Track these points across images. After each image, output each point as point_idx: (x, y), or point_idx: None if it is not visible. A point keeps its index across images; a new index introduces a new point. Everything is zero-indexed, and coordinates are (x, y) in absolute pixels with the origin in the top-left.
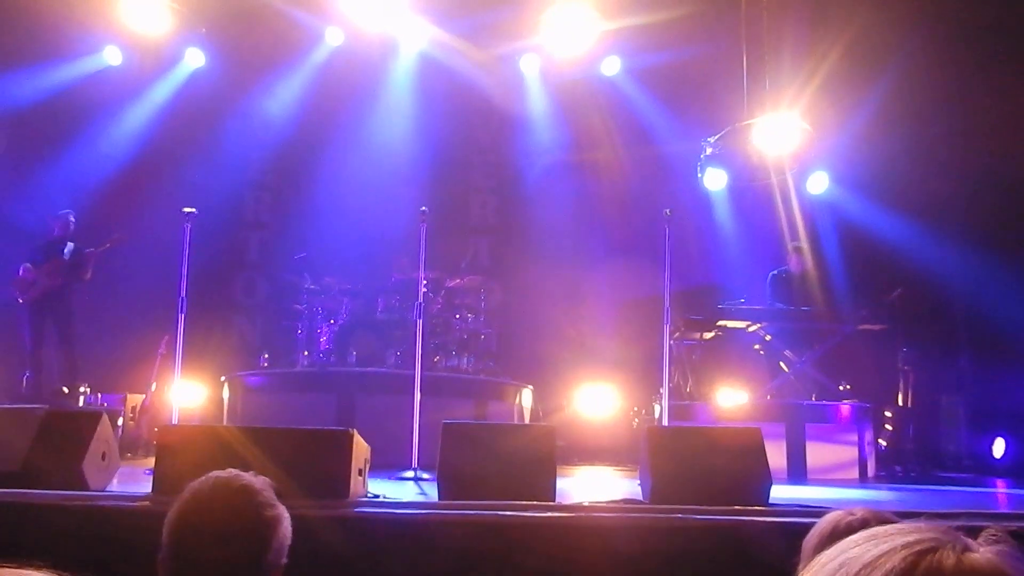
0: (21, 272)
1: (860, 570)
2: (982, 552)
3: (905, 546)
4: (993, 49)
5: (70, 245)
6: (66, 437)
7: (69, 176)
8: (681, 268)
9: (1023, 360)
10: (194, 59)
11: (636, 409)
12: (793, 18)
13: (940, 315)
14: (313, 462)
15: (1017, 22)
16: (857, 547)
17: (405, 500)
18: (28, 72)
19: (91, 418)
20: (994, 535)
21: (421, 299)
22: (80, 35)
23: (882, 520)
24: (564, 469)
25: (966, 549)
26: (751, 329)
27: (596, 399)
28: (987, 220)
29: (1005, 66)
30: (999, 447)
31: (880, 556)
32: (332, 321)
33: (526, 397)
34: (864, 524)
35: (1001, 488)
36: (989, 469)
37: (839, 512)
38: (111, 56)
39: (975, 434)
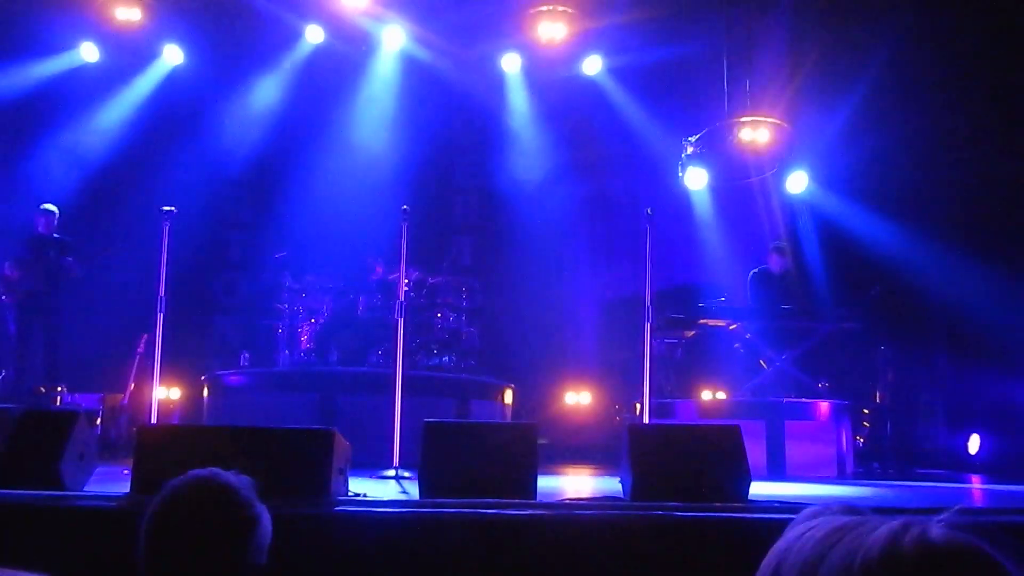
0: (6, 270)
1: (882, 556)
2: (948, 531)
3: (904, 527)
4: (972, 48)
5: (56, 241)
6: (43, 437)
7: (47, 173)
8: (662, 267)
9: (999, 358)
10: (173, 56)
11: (617, 407)
12: (774, 17)
13: (918, 314)
14: (294, 462)
15: (997, 20)
16: (848, 535)
17: (386, 499)
18: (3, 67)
19: (69, 418)
20: (949, 519)
21: (403, 298)
22: (56, 31)
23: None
24: (546, 467)
25: (932, 528)
26: (731, 328)
27: (578, 397)
28: (965, 219)
29: (985, 65)
30: (974, 444)
31: (868, 533)
32: (313, 320)
33: (508, 396)
34: None
35: (976, 484)
36: (965, 465)
37: (817, 508)
38: (88, 52)
39: (952, 431)
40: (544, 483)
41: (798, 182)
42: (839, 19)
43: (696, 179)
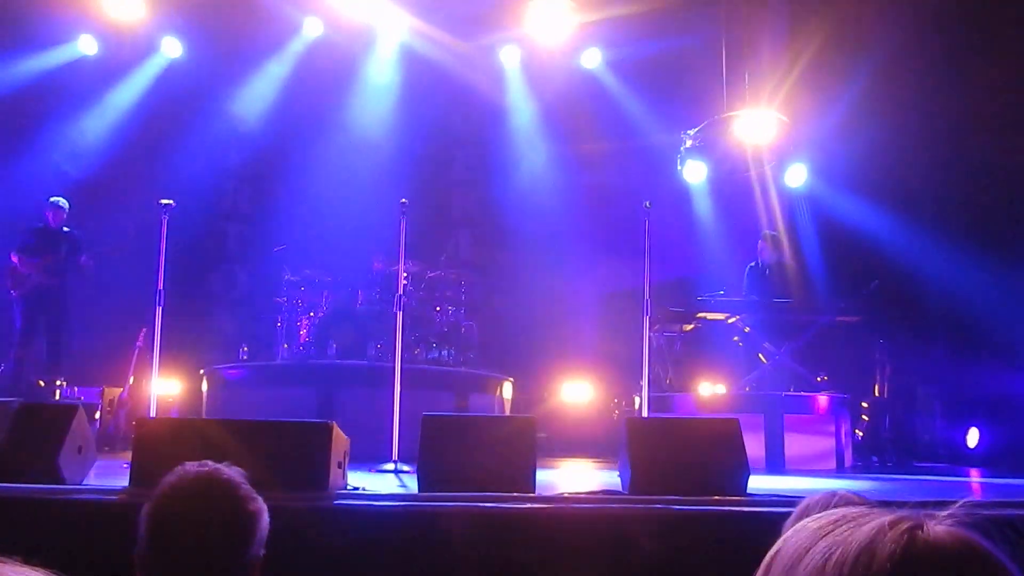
0: (15, 260)
1: (859, 554)
2: (951, 528)
3: (892, 523)
4: (970, 41)
5: (67, 235)
6: (41, 430)
7: (45, 166)
8: (661, 260)
9: (997, 351)
10: (171, 49)
11: (616, 401)
12: (772, 10)
13: (916, 307)
14: (293, 455)
15: (996, 13)
16: (837, 529)
17: (385, 492)
18: (1, 60)
19: (67, 411)
20: (952, 516)
21: (401, 291)
22: (54, 23)
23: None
24: (544, 461)
25: (936, 524)
26: (730, 321)
27: (577, 391)
28: (963, 212)
29: (983, 58)
30: (973, 437)
31: (873, 536)
32: (312, 313)
33: (507, 389)
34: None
35: (975, 477)
36: (963, 458)
37: (819, 495)
38: (86, 45)
39: (950, 424)
40: (543, 476)
41: (797, 175)
42: (838, 11)
43: (695, 172)
